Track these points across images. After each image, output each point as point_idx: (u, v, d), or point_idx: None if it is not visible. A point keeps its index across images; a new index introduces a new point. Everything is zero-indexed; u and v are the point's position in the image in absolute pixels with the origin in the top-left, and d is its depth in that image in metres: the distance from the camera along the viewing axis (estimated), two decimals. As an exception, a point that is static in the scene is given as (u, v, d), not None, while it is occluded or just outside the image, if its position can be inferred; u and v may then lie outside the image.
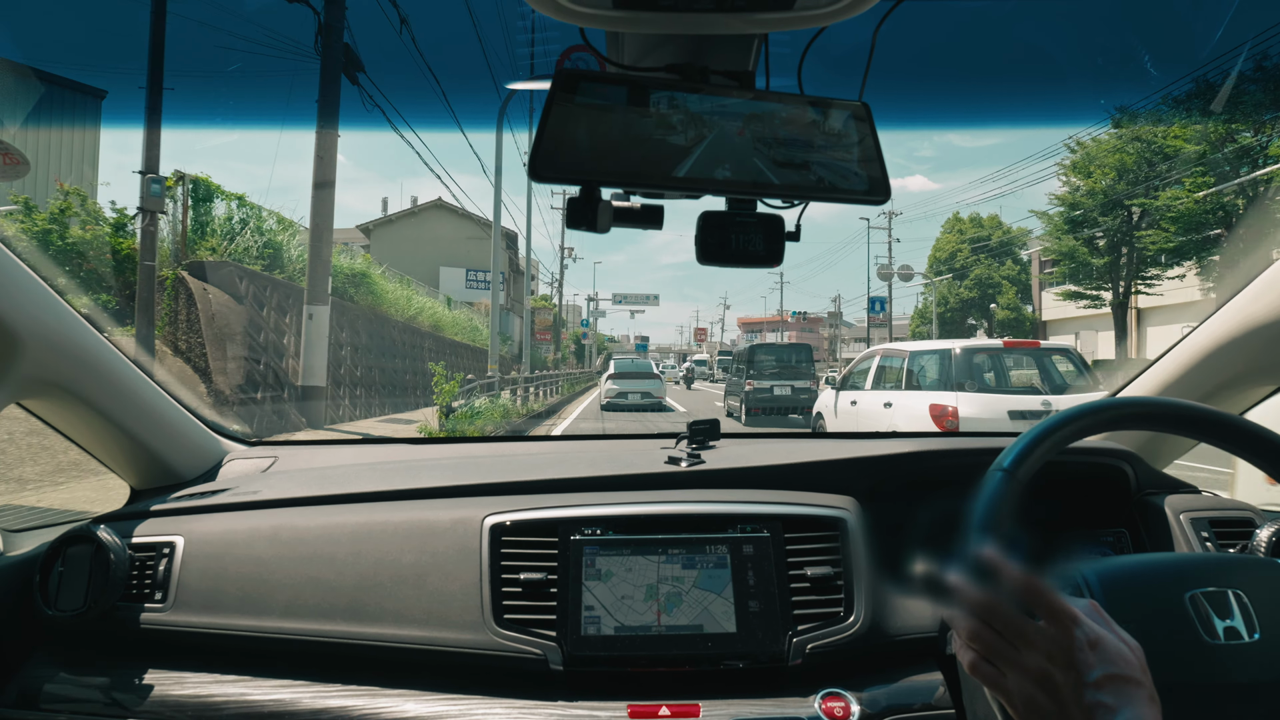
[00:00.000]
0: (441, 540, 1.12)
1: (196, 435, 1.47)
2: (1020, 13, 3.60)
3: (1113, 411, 0.79)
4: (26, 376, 1.08)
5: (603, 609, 1.06)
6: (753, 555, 1.10)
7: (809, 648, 1.04)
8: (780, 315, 57.20)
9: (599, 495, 1.20)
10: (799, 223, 0.87)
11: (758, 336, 67.31)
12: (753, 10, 0.70)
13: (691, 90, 0.77)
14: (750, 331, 71.67)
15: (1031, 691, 0.58)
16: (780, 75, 0.87)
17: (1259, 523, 1.19)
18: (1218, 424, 0.77)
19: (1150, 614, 0.74)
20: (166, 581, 1.11)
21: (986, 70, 3.70)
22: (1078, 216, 22.62)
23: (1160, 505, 1.26)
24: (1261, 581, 0.78)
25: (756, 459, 1.31)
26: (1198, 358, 1.30)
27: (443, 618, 1.05)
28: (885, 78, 0.85)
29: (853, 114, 0.80)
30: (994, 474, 0.74)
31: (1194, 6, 4.78)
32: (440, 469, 1.36)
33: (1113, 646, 0.58)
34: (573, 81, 0.73)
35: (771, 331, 63.29)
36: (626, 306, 44.75)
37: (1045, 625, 0.59)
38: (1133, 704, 0.56)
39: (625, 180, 0.76)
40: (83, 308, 1.17)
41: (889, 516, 1.20)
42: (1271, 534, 1.12)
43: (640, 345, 55.35)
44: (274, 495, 1.26)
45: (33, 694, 1.03)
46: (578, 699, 1.01)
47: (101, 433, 1.28)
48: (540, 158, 0.71)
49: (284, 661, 1.06)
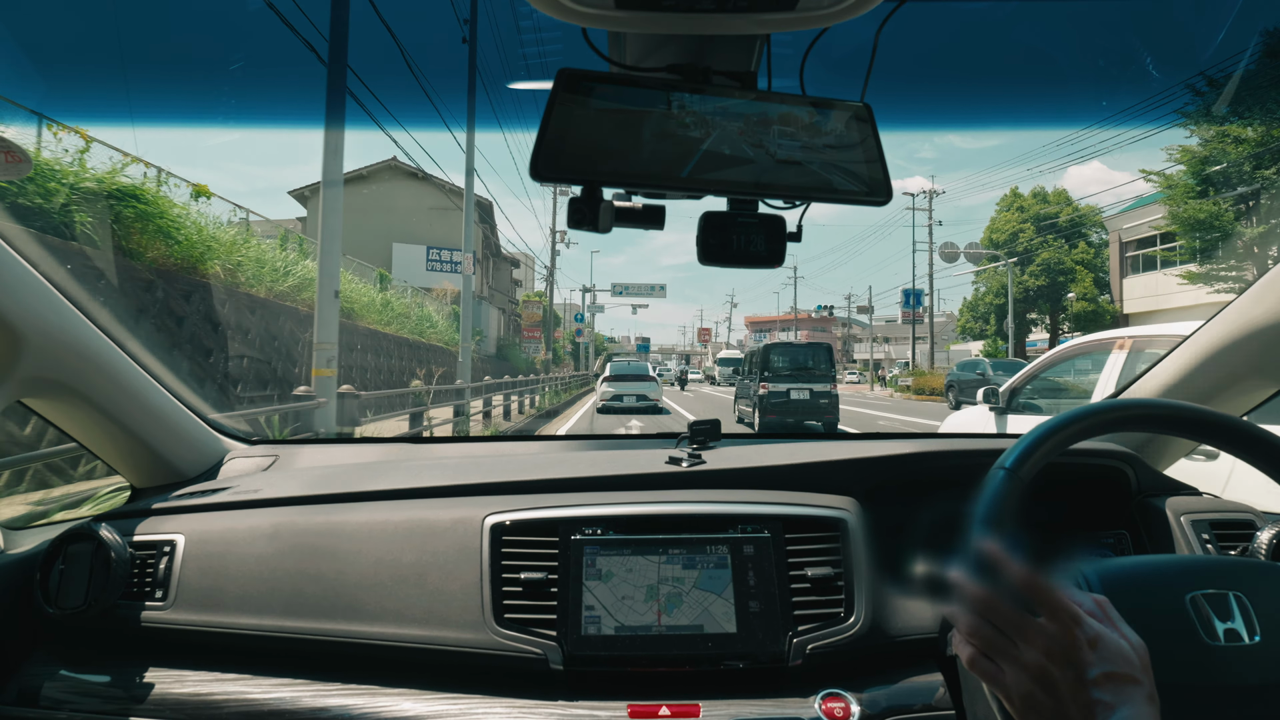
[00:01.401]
0: (442, 539, 1.12)
1: (197, 433, 1.47)
2: (1024, 14, 3.61)
3: (1114, 413, 0.79)
4: (28, 375, 1.08)
5: (603, 609, 1.06)
6: (753, 555, 1.10)
7: (809, 648, 1.04)
8: (794, 313, 54.73)
9: (599, 495, 1.20)
10: (800, 223, 0.87)
11: (767, 336, 65.54)
12: (755, 11, 0.70)
13: (693, 91, 0.77)
14: (759, 331, 70.31)
15: (1030, 688, 0.58)
16: (782, 76, 0.87)
17: (1260, 525, 1.19)
18: (1218, 426, 0.77)
19: (1150, 615, 0.74)
20: (167, 580, 1.11)
21: (989, 72, 3.71)
22: (1215, 174, 17.07)
23: (1161, 507, 1.26)
24: (1262, 584, 0.78)
25: (757, 459, 1.31)
26: (1199, 360, 1.30)
27: (443, 617, 1.06)
28: (887, 79, 0.86)
29: (854, 115, 0.80)
30: (996, 473, 0.74)
31: (1197, 7, 4.77)
32: (441, 468, 1.36)
33: (1113, 644, 0.58)
34: (574, 82, 0.73)
35: (782, 330, 61.69)
36: (628, 300, 39.45)
37: (1045, 622, 0.59)
38: (1131, 703, 0.56)
39: (627, 180, 0.76)
40: (84, 305, 1.16)
41: (890, 517, 1.20)
42: (1272, 536, 1.12)
43: (642, 346, 54.09)
44: (274, 494, 1.26)
45: (33, 692, 1.03)
46: (578, 699, 1.01)
47: (103, 431, 1.28)
48: (542, 158, 0.71)
49: (284, 660, 1.06)
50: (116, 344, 1.23)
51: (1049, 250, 28.50)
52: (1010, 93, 3.57)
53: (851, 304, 46.20)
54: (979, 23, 2.41)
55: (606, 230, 0.82)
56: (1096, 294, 27.39)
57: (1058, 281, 28.25)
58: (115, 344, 1.23)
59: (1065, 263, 28.18)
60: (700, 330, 70.49)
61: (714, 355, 62.35)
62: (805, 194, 0.80)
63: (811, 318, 58.08)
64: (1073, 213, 28.84)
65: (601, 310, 39.93)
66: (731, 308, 79.01)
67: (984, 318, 31.68)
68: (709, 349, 68.12)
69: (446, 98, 12.09)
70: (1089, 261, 28.04)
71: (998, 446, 1.31)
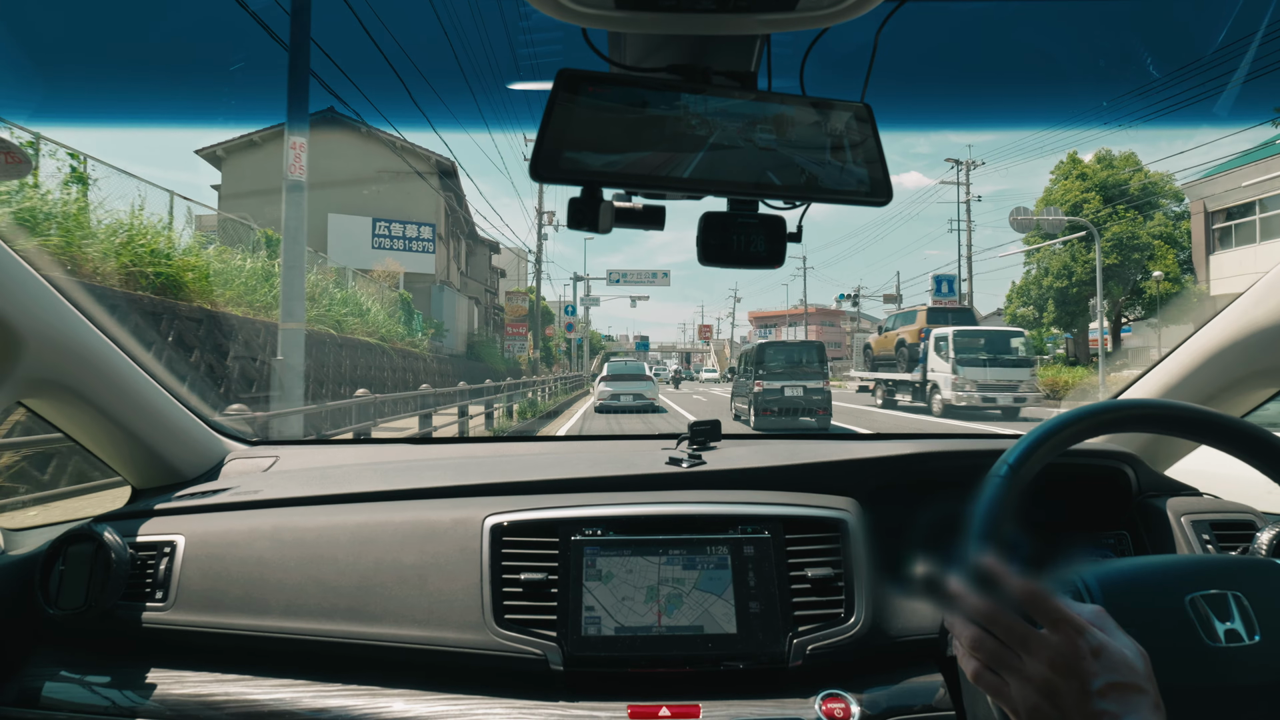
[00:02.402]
0: (442, 540, 1.12)
1: (198, 434, 1.47)
2: (1024, 14, 3.59)
3: (1114, 414, 0.79)
4: (28, 376, 1.08)
5: (603, 609, 1.06)
6: (753, 556, 1.10)
7: (809, 649, 1.04)
8: (804, 307, 51.58)
9: (599, 496, 1.20)
10: (801, 224, 0.87)
11: (773, 332, 63.30)
12: (755, 11, 0.70)
13: (693, 91, 0.77)
14: (764, 326, 67.30)
15: (1036, 701, 0.58)
16: (782, 76, 0.87)
17: (1260, 525, 1.19)
18: (1218, 426, 0.77)
19: (1150, 618, 0.74)
20: (167, 580, 1.11)
21: (989, 72, 3.68)
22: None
23: (1161, 508, 1.26)
24: (1261, 583, 0.78)
25: (757, 460, 1.31)
26: (1200, 360, 1.30)
27: (443, 618, 1.05)
28: (887, 79, 0.85)
29: (855, 115, 0.80)
30: (994, 476, 0.74)
31: (1197, 7, 4.75)
32: (441, 469, 1.36)
33: (1117, 654, 0.58)
34: (574, 82, 0.73)
35: (790, 326, 59.18)
36: (626, 290, 36.02)
37: (1048, 633, 0.58)
38: (1137, 711, 0.55)
39: (627, 181, 0.76)
40: (84, 307, 1.17)
41: (890, 518, 1.20)
42: (1272, 537, 1.11)
43: (641, 344, 53.21)
44: (275, 495, 1.26)
45: (33, 693, 1.03)
46: (578, 699, 1.01)
47: (103, 432, 1.28)
48: (542, 158, 0.71)
49: (284, 661, 1.06)
50: (116, 345, 1.23)
51: (1119, 223, 23.50)
52: (1010, 92, 3.57)
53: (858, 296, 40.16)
54: (978, 23, 2.41)
55: (606, 231, 0.82)
56: (1179, 273, 23.15)
57: (1130, 260, 23.44)
58: (115, 345, 1.23)
59: (1141, 237, 23.36)
60: (701, 327, 67.34)
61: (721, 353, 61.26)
62: (805, 194, 0.80)
63: (821, 311, 55.62)
64: (1144, 180, 23.98)
65: (596, 303, 34.35)
66: (735, 302, 76.11)
67: (1038, 304, 26.02)
68: (711, 347, 66.57)
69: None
70: (1168, 235, 23.33)
71: (998, 447, 1.31)
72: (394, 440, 1.90)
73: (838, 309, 57.24)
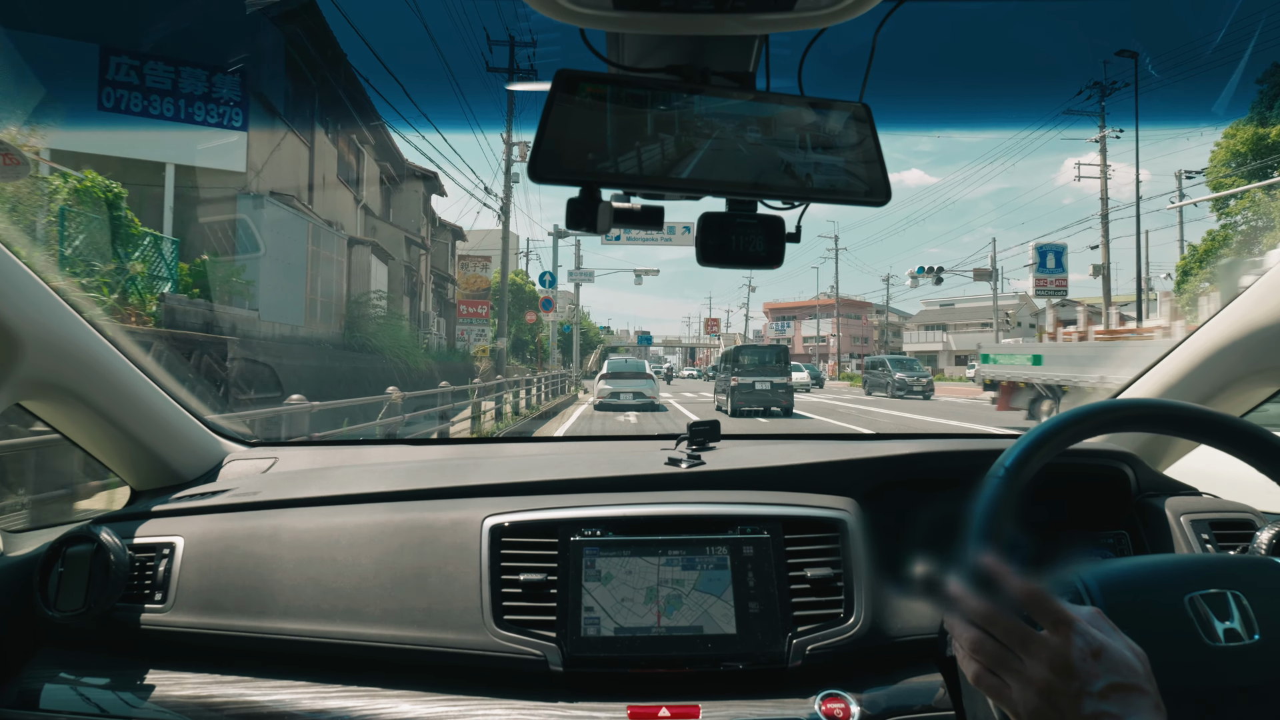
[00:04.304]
0: (441, 541, 1.12)
1: (197, 436, 1.47)
2: (1023, 14, 3.54)
3: (1113, 414, 0.79)
4: (27, 378, 1.08)
5: (602, 610, 1.06)
6: (753, 556, 1.10)
7: (809, 649, 1.04)
8: (835, 295, 46.75)
9: (599, 496, 1.20)
10: (799, 224, 0.87)
11: (791, 326, 60.56)
12: (753, 11, 0.70)
13: (692, 91, 0.77)
14: (782, 320, 62.88)
15: (1036, 702, 0.57)
16: (781, 76, 0.87)
17: (1259, 525, 1.19)
18: (1217, 426, 0.77)
19: (1150, 617, 0.74)
20: (166, 582, 1.11)
21: (987, 71, 3.62)
22: None
23: (1160, 507, 1.26)
24: (1261, 582, 0.78)
25: (756, 460, 1.30)
26: (1199, 360, 1.30)
27: (442, 618, 1.05)
28: (886, 79, 0.86)
29: (853, 115, 0.80)
30: (993, 477, 0.74)
31: (1195, 7, 4.71)
32: (440, 470, 1.36)
33: (1117, 655, 0.58)
34: (573, 82, 0.73)
35: (811, 318, 55.63)
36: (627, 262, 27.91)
37: (1048, 635, 0.58)
38: (1138, 712, 0.55)
39: (626, 182, 0.76)
40: (83, 308, 1.17)
41: (889, 518, 1.20)
42: (1272, 536, 1.11)
43: (643, 339, 51.91)
44: (274, 496, 1.26)
45: (33, 694, 1.03)
46: (577, 700, 1.01)
47: (102, 434, 1.28)
48: (541, 158, 0.71)
49: (284, 662, 1.06)
50: (115, 347, 1.23)
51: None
52: (1009, 92, 3.60)
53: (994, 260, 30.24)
54: (977, 23, 2.42)
55: (605, 231, 0.82)
56: None
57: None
58: (114, 347, 1.23)
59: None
60: (708, 321, 62.65)
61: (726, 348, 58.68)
62: (803, 194, 0.80)
63: (846, 302, 49.23)
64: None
65: (590, 278, 26.11)
66: (750, 292, 70.42)
67: (1217, 277, 16.70)
68: (720, 342, 62.98)
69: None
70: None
71: (997, 447, 1.31)
72: (393, 441, 1.90)
73: (863, 300, 53.42)
